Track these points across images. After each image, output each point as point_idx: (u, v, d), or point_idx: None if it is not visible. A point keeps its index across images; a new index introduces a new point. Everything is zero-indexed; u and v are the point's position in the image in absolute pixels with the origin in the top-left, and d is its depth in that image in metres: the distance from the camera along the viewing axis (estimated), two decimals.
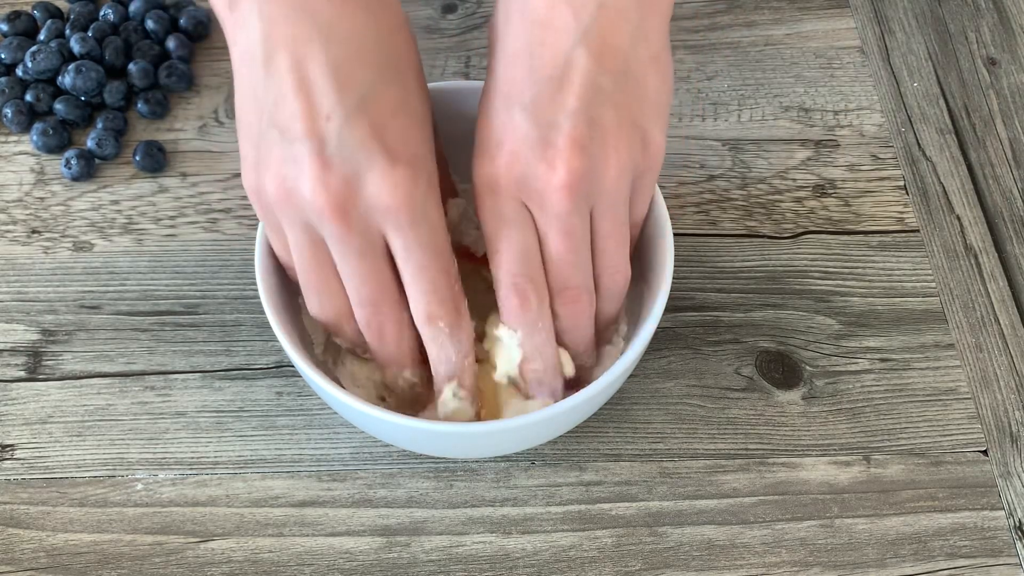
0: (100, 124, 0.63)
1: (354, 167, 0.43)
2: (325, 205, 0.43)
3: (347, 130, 0.43)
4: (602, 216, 0.46)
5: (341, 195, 0.43)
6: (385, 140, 0.43)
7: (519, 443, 0.51)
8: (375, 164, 0.43)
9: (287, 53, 0.43)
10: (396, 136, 0.44)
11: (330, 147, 0.43)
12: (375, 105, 0.43)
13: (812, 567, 0.51)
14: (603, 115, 0.44)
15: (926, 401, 0.55)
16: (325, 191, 0.43)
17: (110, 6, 0.66)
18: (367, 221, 0.44)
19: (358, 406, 0.46)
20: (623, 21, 0.45)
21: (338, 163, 0.43)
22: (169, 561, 0.50)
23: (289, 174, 0.44)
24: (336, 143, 0.43)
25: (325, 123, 0.43)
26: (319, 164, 0.43)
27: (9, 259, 0.59)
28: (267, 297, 0.48)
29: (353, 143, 0.43)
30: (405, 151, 0.44)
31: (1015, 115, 0.65)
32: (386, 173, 0.43)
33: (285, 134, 0.43)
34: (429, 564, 0.50)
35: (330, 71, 0.43)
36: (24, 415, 0.54)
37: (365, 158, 0.43)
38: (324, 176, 0.43)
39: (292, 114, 0.43)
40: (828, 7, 0.69)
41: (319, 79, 0.43)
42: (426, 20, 0.69)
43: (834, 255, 0.60)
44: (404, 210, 0.44)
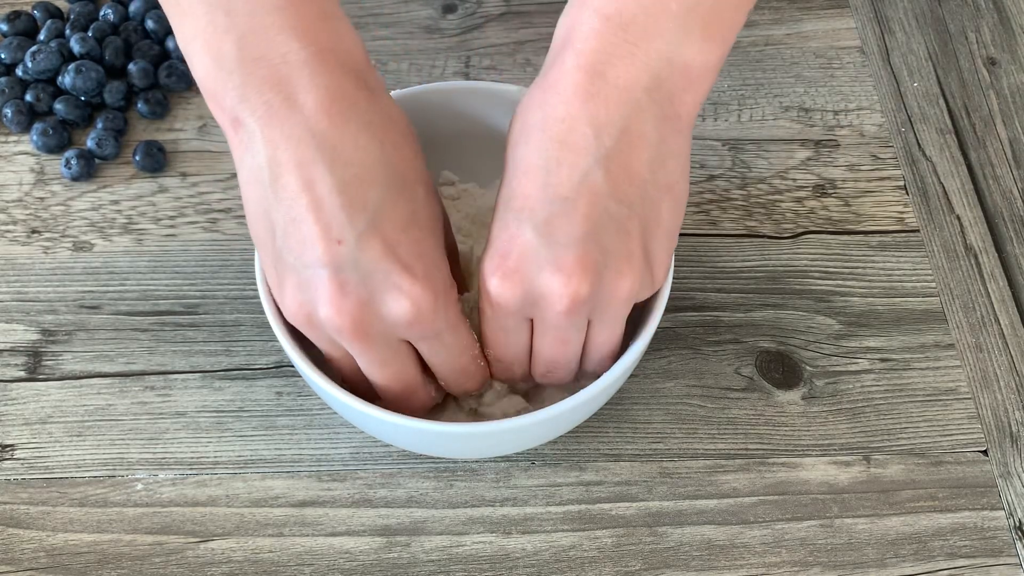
0: (100, 124, 0.63)
1: (370, 288, 0.44)
2: (344, 328, 0.44)
3: (360, 252, 0.43)
4: (599, 330, 0.47)
5: (359, 317, 0.44)
6: (399, 257, 0.44)
7: (519, 444, 0.51)
8: (391, 283, 0.44)
9: (294, 177, 0.43)
10: (409, 251, 0.44)
11: (344, 271, 0.43)
12: (385, 223, 0.43)
13: (812, 567, 0.51)
14: (614, 242, 0.44)
15: (926, 401, 0.55)
16: (341, 315, 0.44)
17: (110, 6, 0.66)
18: (387, 335, 0.45)
19: (358, 406, 0.46)
20: (644, 147, 0.44)
21: (353, 286, 0.43)
22: (169, 561, 0.50)
23: (306, 299, 0.44)
24: (350, 266, 0.43)
25: (337, 247, 0.43)
26: (335, 289, 0.43)
27: (9, 259, 0.59)
28: (267, 298, 0.48)
29: (367, 264, 0.43)
30: (419, 265, 0.44)
31: (1015, 115, 0.65)
32: (402, 292, 0.44)
33: (299, 259, 0.44)
34: (429, 564, 0.50)
35: (338, 193, 0.43)
36: (24, 415, 0.54)
37: (381, 279, 0.43)
38: (340, 301, 0.43)
39: (304, 239, 0.43)
40: (828, 7, 0.69)
41: (328, 202, 0.43)
42: (426, 20, 0.69)
43: (834, 255, 0.60)
44: (424, 325, 0.45)
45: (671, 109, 0.45)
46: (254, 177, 0.44)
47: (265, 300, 0.48)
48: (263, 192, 0.44)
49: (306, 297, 0.44)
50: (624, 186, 0.44)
